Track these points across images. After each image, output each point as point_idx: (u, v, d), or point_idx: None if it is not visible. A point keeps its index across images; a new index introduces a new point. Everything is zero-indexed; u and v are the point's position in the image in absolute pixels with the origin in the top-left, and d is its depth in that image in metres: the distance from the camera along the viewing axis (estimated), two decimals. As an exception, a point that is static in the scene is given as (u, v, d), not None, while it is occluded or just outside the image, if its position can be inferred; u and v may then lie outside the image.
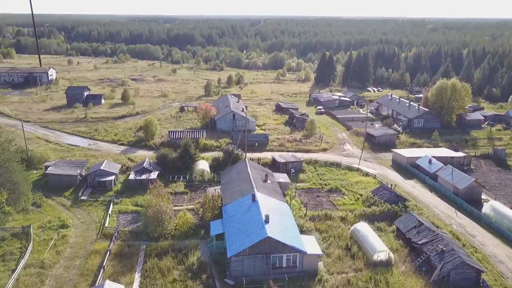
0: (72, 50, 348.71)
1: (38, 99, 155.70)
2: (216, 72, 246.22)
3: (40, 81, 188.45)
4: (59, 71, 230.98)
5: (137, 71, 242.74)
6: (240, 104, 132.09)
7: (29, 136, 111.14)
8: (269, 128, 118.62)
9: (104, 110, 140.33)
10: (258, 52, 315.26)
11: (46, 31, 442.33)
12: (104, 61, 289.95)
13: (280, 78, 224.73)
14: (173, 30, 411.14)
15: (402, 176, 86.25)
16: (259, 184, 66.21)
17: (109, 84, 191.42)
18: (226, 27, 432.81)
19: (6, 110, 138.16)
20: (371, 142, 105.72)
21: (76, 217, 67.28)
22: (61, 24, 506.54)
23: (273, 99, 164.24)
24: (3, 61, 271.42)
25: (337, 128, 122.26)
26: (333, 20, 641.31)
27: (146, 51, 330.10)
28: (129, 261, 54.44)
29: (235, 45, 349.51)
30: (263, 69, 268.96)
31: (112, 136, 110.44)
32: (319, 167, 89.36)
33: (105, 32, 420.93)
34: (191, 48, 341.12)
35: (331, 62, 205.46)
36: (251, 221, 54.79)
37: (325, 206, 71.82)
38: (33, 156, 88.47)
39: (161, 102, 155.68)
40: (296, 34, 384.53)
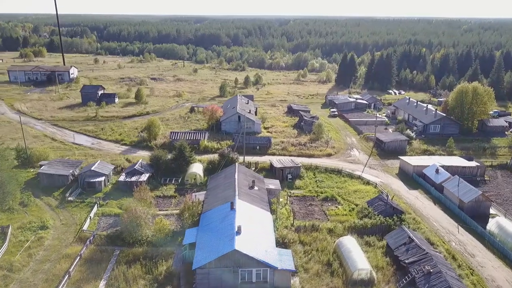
0: (101, 49, 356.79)
1: (56, 97, 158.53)
2: (238, 72, 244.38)
3: (62, 79, 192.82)
4: (83, 70, 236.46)
5: (159, 70, 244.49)
6: (250, 106, 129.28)
7: (37, 134, 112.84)
8: (276, 131, 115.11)
9: (116, 109, 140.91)
10: (282, 53, 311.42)
11: (79, 30, 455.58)
12: (129, 60, 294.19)
13: (300, 79, 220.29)
14: (200, 30, 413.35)
15: (407, 185, 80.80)
16: (244, 191, 63.09)
17: (128, 83, 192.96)
18: (253, 27, 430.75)
19: (23, 108, 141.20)
20: (380, 148, 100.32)
21: (58, 218, 66.42)
22: (94, 24, 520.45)
23: (288, 100, 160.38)
24: (33, 60, 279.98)
25: (348, 132, 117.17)
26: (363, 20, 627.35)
27: (172, 50, 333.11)
28: (98, 268, 52.71)
29: (260, 45, 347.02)
30: (286, 70, 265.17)
31: (116, 136, 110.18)
32: (318, 173, 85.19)
33: (135, 32, 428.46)
34: (216, 48, 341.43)
35: (352, 63, 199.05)
36: (224, 231, 51.82)
37: (316, 216, 67.85)
38: (32, 155, 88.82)
39: (174, 102, 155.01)
40: (323, 34, 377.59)
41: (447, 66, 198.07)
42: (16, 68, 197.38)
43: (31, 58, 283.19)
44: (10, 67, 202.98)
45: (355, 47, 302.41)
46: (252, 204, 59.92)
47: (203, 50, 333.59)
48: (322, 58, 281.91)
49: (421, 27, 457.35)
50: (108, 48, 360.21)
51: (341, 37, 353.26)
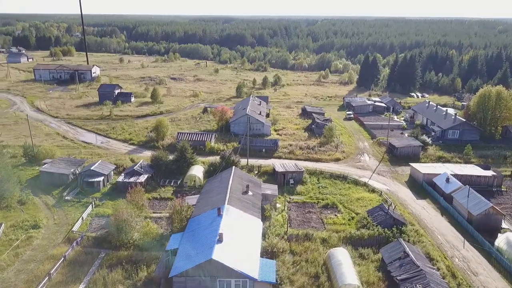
0: (128, 48, 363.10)
1: (75, 96, 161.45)
2: (259, 72, 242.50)
3: (84, 78, 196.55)
4: (107, 69, 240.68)
5: (181, 70, 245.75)
6: (262, 107, 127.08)
7: (50, 131, 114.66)
8: (286, 133, 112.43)
9: (130, 108, 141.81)
10: (306, 53, 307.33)
11: (109, 30, 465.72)
12: (154, 60, 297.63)
13: (321, 80, 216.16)
14: (226, 30, 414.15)
15: (415, 194, 76.53)
16: (236, 196, 61.05)
17: (147, 82, 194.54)
18: (279, 27, 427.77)
19: (42, 106, 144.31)
20: (392, 154, 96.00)
21: (53, 217, 66.42)
22: (124, 24, 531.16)
23: (304, 102, 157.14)
24: (62, 59, 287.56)
25: (361, 136, 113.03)
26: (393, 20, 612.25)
27: (196, 50, 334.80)
28: (80, 270, 51.91)
29: (284, 45, 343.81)
30: (309, 71, 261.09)
31: (125, 135, 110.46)
32: (322, 179, 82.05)
33: (162, 31, 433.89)
34: (241, 48, 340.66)
35: (374, 64, 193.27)
36: (206, 238, 49.97)
37: (313, 224, 64.99)
38: (39, 153, 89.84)
39: (190, 102, 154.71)
40: (348, 35, 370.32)
41: (475, 68, 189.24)
42: (42, 67, 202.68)
43: (59, 57, 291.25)
44: (36, 66, 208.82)
45: (381, 48, 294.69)
46: (243, 210, 57.80)
47: (227, 50, 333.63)
48: (346, 59, 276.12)
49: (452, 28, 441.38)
50: (135, 47, 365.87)
51: (367, 37, 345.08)
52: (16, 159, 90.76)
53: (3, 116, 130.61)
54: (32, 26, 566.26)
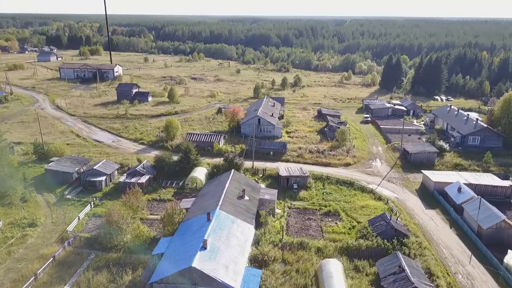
0: (154, 48, 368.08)
1: (95, 94, 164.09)
2: (281, 73, 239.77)
3: (107, 77, 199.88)
4: (131, 68, 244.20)
5: (203, 70, 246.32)
6: (276, 109, 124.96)
7: (64, 129, 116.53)
8: (298, 136, 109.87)
9: (146, 107, 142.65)
10: (331, 54, 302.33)
11: (138, 30, 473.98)
12: (178, 60, 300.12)
13: (343, 81, 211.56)
14: (252, 31, 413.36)
15: (425, 203, 72.62)
16: (230, 200, 59.43)
17: (168, 82, 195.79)
18: (305, 27, 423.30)
19: (62, 104, 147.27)
20: (406, 160, 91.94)
21: (51, 216, 66.79)
22: (152, 24, 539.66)
23: (322, 104, 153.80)
24: (90, 58, 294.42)
25: (376, 141, 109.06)
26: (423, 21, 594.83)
27: (221, 50, 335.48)
28: (67, 272, 51.63)
29: (310, 46, 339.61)
30: (333, 72, 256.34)
31: (137, 135, 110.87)
32: (328, 184, 79.23)
33: (189, 31, 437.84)
34: (265, 48, 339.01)
35: (398, 66, 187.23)
36: (191, 244, 48.56)
37: (311, 231, 62.53)
38: (49, 150, 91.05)
39: (206, 102, 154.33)
40: (376, 36, 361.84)
41: (506, 71, 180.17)
42: (66, 66, 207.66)
43: (87, 56, 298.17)
44: (61, 65, 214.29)
45: (409, 50, 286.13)
46: (235, 215, 56.11)
47: (251, 50, 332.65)
48: (371, 60, 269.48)
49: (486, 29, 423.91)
50: (161, 47, 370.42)
51: (395, 38, 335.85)
52: (27, 156, 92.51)
53: (23, 113, 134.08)
54: (66, 26, 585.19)
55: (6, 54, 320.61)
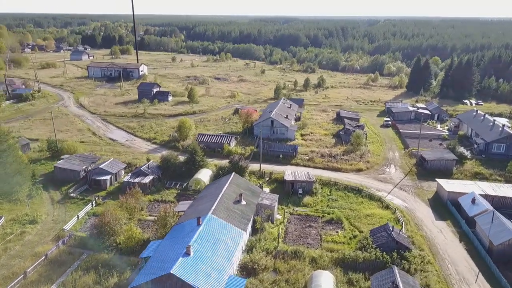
0: (184, 48, 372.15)
1: (118, 93, 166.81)
2: (307, 74, 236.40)
3: (132, 76, 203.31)
4: (158, 68, 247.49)
5: (229, 70, 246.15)
6: (292, 110, 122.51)
7: (82, 127, 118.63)
8: (313, 139, 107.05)
9: (166, 107, 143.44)
10: (359, 55, 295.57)
11: (169, 30, 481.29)
12: (205, 59, 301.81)
13: (370, 83, 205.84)
14: (281, 31, 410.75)
15: (436, 214, 68.54)
16: (225, 205, 57.95)
17: (191, 82, 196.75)
18: (335, 28, 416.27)
19: (85, 102, 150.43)
20: (422, 167, 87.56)
21: (53, 213, 67.55)
22: (184, 24, 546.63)
23: (343, 106, 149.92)
24: (120, 57, 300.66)
25: (394, 146, 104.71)
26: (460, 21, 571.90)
27: (249, 51, 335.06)
28: (57, 271, 51.70)
29: (339, 46, 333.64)
30: (360, 73, 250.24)
31: (151, 134, 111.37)
32: (335, 190, 76.35)
33: (218, 31, 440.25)
34: (293, 49, 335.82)
35: (426, 68, 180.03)
36: (176, 249, 47.41)
37: (309, 239, 60.16)
38: (62, 148, 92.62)
39: (226, 102, 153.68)
40: (408, 36, 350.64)
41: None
42: (94, 65, 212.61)
43: (118, 55, 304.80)
44: (90, 63, 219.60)
45: (441, 51, 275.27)
46: (228, 221, 54.57)
47: (279, 50, 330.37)
48: (401, 62, 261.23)
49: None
50: (191, 47, 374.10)
51: (428, 39, 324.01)
52: (42, 153, 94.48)
53: (47, 110, 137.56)
54: (102, 25, 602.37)
55: (43, 52, 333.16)
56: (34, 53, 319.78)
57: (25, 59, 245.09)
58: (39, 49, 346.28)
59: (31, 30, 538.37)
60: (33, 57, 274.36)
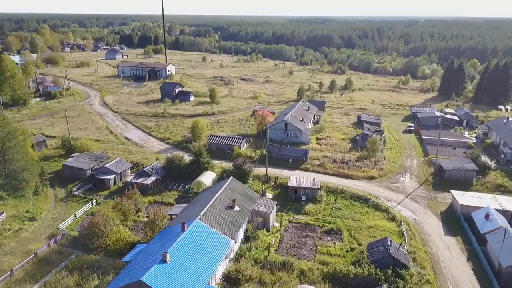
0: (216, 48, 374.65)
1: (143, 92, 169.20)
2: (337, 75, 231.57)
3: (159, 75, 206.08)
4: (187, 68, 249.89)
5: (257, 71, 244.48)
6: (310, 113, 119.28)
7: (101, 126, 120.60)
8: (328, 143, 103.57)
9: (186, 107, 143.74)
10: (393, 56, 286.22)
11: (204, 30, 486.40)
12: (236, 60, 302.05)
13: (400, 86, 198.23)
14: (314, 31, 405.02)
15: (446, 229, 63.83)
16: (216, 210, 56.25)
17: (217, 82, 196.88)
18: (371, 28, 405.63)
19: (109, 100, 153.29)
20: (439, 176, 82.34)
21: (53, 211, 68.32)
22: (219, 24, 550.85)
23: (368, 109, 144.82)
24: (152, 56, 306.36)
25: (413, 153, 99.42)
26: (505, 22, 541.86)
27: (280, 51, 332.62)
28: (43, 270, 51.84)
29: (373, 47, 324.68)
30: (393, 75, 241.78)
31: (166, 134, 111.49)
32: (341, 199, 72.96)
33: (252, 32, 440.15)
34: (326, 49, 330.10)
35: (460, 71, 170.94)
36: (153, 255, 46.13)
37: (303, 250, 57.43)
38: (76, 146, 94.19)
39: (247, 104, 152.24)
40: (446, 37, 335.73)
41: None
42: (124, 64, 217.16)
43: (150, 55, 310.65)
44: (120, 63, 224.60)
45: (481, 53, 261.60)
46: (215, 227, 52.82)
47: (311, 51, 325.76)
48: (437, 64, 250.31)
49: None
50: (224, 47, 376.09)
51: (467, 41, 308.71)
52: (57, 151, 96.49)
53: (72, 108, 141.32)
54: (142, 25, 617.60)
55: (81, 51, 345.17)
56: (72, 52, 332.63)
57: (61, 57, 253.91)
58: (78, 48, 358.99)
59: (75, 30, 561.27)
60: (70, 56, 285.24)
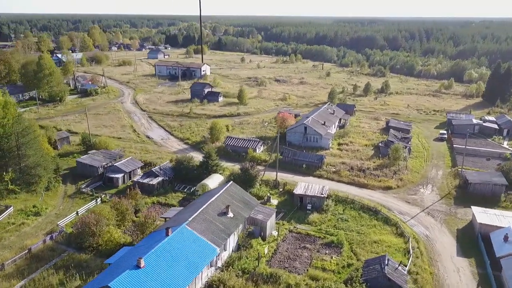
0: (257, 48, 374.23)
1: (175, 91, 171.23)
2: (376, 78, 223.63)
3: (194, 75, 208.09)
4: (224, 68, 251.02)
5: (294, 72, 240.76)
6: (335, 117, 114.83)
7: (126, 124, 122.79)
8: (349, 149, 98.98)
9: (213, 107, 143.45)
10: (439, 59, 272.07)
11: (247, 31, 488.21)
12: (274, 61, 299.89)
13: (441, 90, 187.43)
14: (358, 32, 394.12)
15: (460, 249, 58.21)
16: (207, 216, 54.51)
17: (249, 83, 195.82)
18: (418, 29, 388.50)
19: (140, 99, 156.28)
20: (464, 190, 75.88)
21: (59, 207, 69.53)
22: (263, 25, 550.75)
23: (400, 114, 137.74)
24: (193, 56, 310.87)
25: (441, 163, 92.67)
26: None
27: (321, 52, 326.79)
28: (34, 266, 52.44)
29: (419, 49, 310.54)
30: (437, 79, 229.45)
31: (187, 134, 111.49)
32: (350, 209, 68.84)
33: (294, 32, 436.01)
34: (369, 51, 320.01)
35: (508, 75, 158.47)
36: (131, 260, 45.06)
37: (297, 263, 54.37)
38: (95, 143, 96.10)
39: (275, 105, 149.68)
40: (500, 39, 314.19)
41: None
42: (161, 63, 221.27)
43: (191, 55, 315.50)
44: (157, 62, 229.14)
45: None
46: (202, 234, 51.07)
47: (353, 53, 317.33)
48: (487, 68, 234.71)
49: None
50: (265, 48, 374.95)
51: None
52: (78, 147, 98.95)
53: (103, 105, 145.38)
54: (189, 26, 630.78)
55: (126, 51, 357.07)
56: (118, 51, 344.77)
57: (105, 56, 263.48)
58: (125, 48, 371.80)
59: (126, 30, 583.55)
60: (114, 55, 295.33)
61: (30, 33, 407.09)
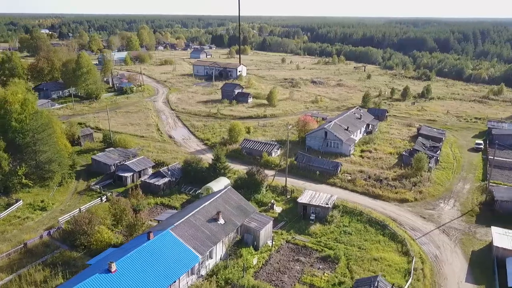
0: (301, 49, 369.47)
1: (207, 91, 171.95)
2: (420, 81, 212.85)
3: (230, 76, 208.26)
4: (262, 69, 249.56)
5: (334, 74, 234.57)
6: (362, 122, 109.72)
7: (152, 123, 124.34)
8: (371, 157, 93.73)
9: (241, 108, 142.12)
10: (492, 62, 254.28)
11: (292, 31, 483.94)
12: (316, 62, 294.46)
13: (490, 96, 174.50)
14: (407, 33, 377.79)
15: (471, 274, 52.55)
16: (195, 222, 53.00)
17: (283, 84, 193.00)
18: (473, 30, 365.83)
19: (172, 98, 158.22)
20: (490, 208, 69.06)
21: (66, 203, 70.93)
22: (310, 25, 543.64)
23: (437, 121, 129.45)
24: (234, 56, 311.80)
25: (470, 175, 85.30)
26: None
27: (365, 54, 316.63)
28: (25, 261, 53.42)
29: (471, 52, 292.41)
30: (489, 84, 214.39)
31: (208, 135, 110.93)
32: (356, 222, 64.63)
33: (340, 33, 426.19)
34: (417, 53, 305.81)
35: None
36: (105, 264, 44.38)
37: (286, 277, 51.46)
38: (116, 140, 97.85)
39: (304, 108, 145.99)
40: None
41: None
42: (199, 63, 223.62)
43: (233, 55, 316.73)
44: (195, 62, 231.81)
45: None
46: (186, 240, 49.63)
47: (399, 55, 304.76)
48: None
49: None
50: (309, 48, 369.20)
51: None
52: (100, 144, 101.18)
53: (135, 104, 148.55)
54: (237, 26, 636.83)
55: (172, 50, 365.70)
56: (164, 51, 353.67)
57: (148, 56, 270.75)
58: (170, 47, 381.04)
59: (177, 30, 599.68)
60: (158, 55, 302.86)
61: (84, 32, 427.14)
